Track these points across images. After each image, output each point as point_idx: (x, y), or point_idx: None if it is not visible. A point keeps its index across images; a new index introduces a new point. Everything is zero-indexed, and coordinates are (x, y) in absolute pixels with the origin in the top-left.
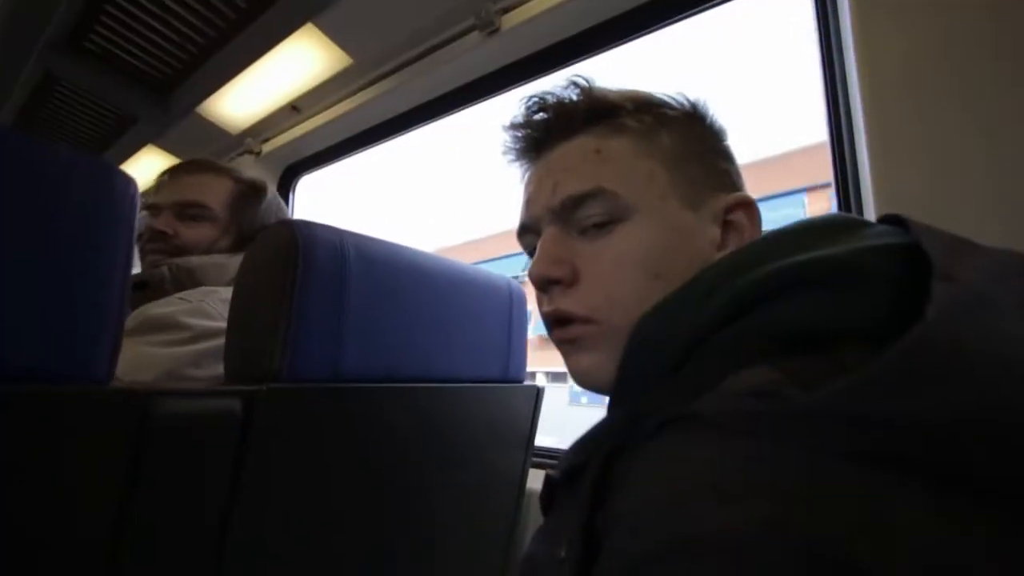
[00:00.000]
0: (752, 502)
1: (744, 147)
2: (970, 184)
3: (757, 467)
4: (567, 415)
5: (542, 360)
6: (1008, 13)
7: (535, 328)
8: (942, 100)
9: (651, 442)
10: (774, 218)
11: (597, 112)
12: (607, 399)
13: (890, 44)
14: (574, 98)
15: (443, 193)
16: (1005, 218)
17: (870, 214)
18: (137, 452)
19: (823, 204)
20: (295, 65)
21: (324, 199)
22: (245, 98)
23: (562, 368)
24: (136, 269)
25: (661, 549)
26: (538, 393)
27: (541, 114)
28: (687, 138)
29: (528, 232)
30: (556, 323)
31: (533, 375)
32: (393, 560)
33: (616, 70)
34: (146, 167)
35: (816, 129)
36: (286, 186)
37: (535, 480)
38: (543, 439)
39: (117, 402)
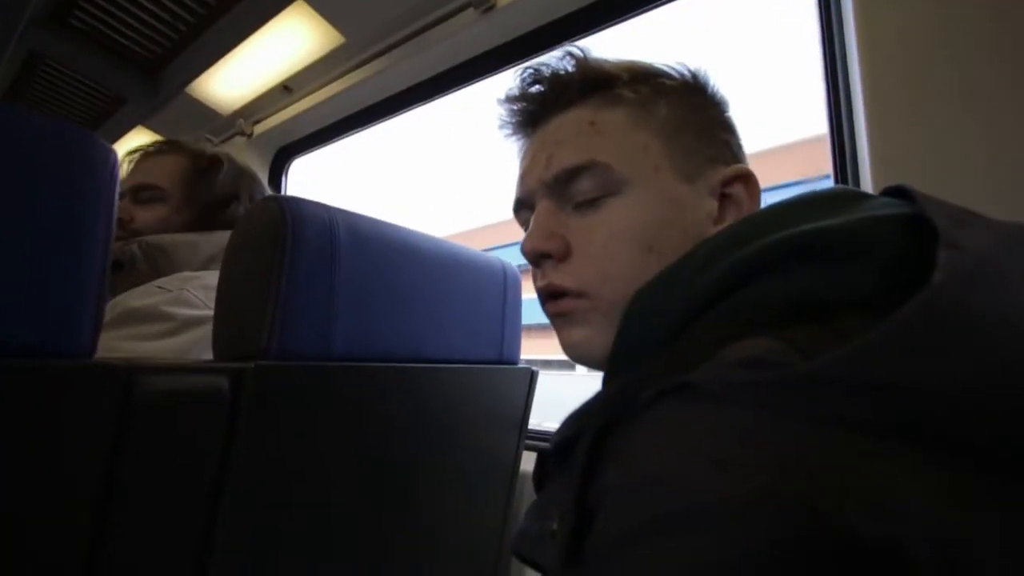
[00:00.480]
0: (750, 472)
1: (747, 126)
2: (971, 171)
3: (755, 437)
4: None
5: None
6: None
7: None
8: (942, 87)
9: (647, 412)
10: None
11: (592, 83)
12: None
13: (889, 27)
14: (569, 69)
15: (443, 179)
16: (1006, 209)
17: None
18: (121, 428)
19: None
20: (286, 44)
21: (322, 190)
22: (236, 78)
23: None
24: None
25: (657, 520)
26: (532, 375)
27: (536, 86)
28: (685, 109)
29: (523, 207)
30: (549, 297)
31: (574, 365)
32: (386, 540)
33: (616, 48)
34: None
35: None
36: (278, 169)
37: (528, 462)
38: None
39: (99, 375)
